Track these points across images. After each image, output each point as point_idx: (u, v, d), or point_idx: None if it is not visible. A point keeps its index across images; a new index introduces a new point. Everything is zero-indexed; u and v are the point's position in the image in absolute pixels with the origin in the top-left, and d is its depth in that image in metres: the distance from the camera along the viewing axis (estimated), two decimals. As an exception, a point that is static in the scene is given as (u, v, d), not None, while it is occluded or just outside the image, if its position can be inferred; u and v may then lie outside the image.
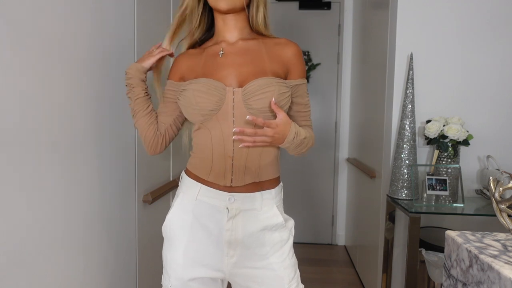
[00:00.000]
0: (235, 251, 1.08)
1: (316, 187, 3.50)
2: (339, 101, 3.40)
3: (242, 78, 1.05)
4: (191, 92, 1.04)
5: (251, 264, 1.08)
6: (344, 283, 2.76)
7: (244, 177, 1.06)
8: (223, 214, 1.06)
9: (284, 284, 1.07)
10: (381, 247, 2.19)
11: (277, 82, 1.04)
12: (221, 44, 1.11)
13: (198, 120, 1.06)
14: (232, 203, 1.06)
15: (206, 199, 1.08)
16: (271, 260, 1.08)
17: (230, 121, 1.04)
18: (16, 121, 0.87)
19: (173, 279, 1.10)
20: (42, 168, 0.96)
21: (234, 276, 1.10)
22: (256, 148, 1.06)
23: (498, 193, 0.79)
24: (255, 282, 1.08)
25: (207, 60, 1.10)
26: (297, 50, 1.11)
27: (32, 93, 0.91)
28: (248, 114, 1.03)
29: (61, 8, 1.02)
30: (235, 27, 1.11)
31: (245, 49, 1.10)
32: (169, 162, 1.85)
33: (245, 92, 1.02)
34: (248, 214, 1.07)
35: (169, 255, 1.12)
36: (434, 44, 2.02)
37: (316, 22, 3.38)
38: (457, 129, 1.85)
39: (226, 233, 1.06)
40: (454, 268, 0.81)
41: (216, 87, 1.03)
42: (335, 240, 3.52)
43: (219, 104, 1.03)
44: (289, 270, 1.09)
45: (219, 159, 1.06)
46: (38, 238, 0.95)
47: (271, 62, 1.08)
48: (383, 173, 2.21)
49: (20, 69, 0.87)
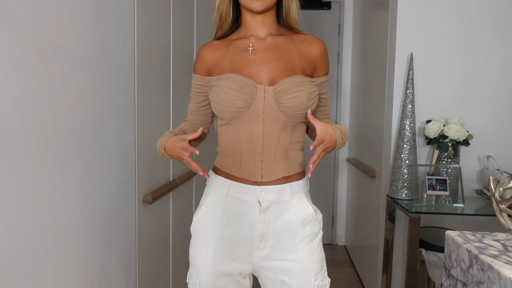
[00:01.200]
0: (266, 244, 1.09)
1: (316, 187, 3.50)
2: (339, 101, 3.40)
3: (273, 76, 1.04)
4: (222, 88, 1.03)
5: (281, 256, 1.09)
6: (344, 283, 2.76)
7: (274, 172, 1.07)
8: (255, 208, 1.08)
9: (310, 277, 1.08)
10: (381, 247, 2.19)
11: (307, 81, 1.05)
12: (250, 39, 1.10)
13: (227, 116, 1.06)
14: (263, 196, 1.07)
15: (237, 195, 1.09)
16: (301, 253, 1.09)
17: (260, 119, 1.04)
18: (16, 121, 0.87)
19: (203, 275, 1.10)
20: (42, 168, 0.96)
21: (263, 268, 1.11)
22: (284, 144, 1.07)
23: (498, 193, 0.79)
24: (284, 274, 1.09)
25: (235, 54, 1.08)
26: (324, 48, 1.12)
27: (31, 93, 0.91)
28: (279, 112, 1.03)
29: (61, 8, 1.02)
30: (264, 23, 1.10)
31: (274, 46, 1.09)
32: (169, 162, 1.84)
33: (277, 90, 1.02)
34: (280, 206, 1.08)
35: (198, 251, 1.12)
36: (434, 44, 2.02)
37: (316, 22, 3.38)
38: (457, 129, 1.85)
39: (258, 225, 1.08)
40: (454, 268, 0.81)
41: (246, 84, 1.02)
42: (335, 240, 3.53)
43: (250, 102, 1.02)
44: (317, 264, 1.10)
45: (248, 155, 1.07)
46: (38, 238, 0.95)
47: (300, 60, 1.08)
48: (383, 173, 2.21)
49: (19, 69, 0.87)
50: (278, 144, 1.06)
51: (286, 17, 1.12)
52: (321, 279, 1.11)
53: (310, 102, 1.05)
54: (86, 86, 1.14)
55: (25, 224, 0.91)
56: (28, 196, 0.91)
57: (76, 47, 1.09)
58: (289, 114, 1.04)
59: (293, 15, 1.11)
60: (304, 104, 1.03)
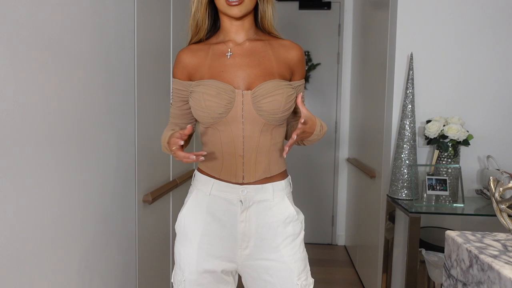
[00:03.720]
0: (249, 243, 1.10)
1: (316, 187, 3.50)
2: (339, 101, 3.40)
3: (251, 80, 1.06)
4: (201, 95, 1.05)
5: (264, 256, 1.11)
6: (344, 283, 2.76)
7: (255, 174, 1.09)
8: (237, 207, 1.09)
9: (293, 276, 1.09)
10: (381, 247, 2.19)
11: (284, 85, 1.07)
12: (228, 44, 1.11)
13: (207, 122, 1.08)
14: (245, 195, 1.09)
15: (219, 193, 1.11)
16: (283, 252, 1.10)
17: (239, 123, 1.06)
18: (16, 122, 0.87)
19: (187, 273, 1.11)
20: (42, 168, 0.96)
21: (246, 267, 1.12)
22: (265, 146, 1.09)
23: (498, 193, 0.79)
24: (266, 273, 1.10)
25: (214, 59, 1.10)
26: (302, 54, 1.15)
27: (31, 93, 0.91)
28: (257, 116, 1.05)
29: (61, 9, 1.02)
30: (242, 28, 1.11)
31: (252, 50, 1.10)
32: (169, 162, 1.85)
33: (255, 95, 1.04)
34: (261, 205, 1.10)
35: (182, 249, 1.13)
36: (434, 44, 2.02)
37: (316, 22, 3.38)
38: (457, 129, 1.85)
39: (240, 224, 1.09)
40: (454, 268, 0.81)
41: (225, 90, 1.04)
42: (335, 240, 3.52)
43: (229, 107, 1.04)
44: (299, 264, 1.11)
45: (229, 158, 1.09)
46: (38, 238, 0.95)
47: (278, 64, 1.10)
48: (383, 173, 2.21)
49: (19, 69, 0.87)
50: (259, 146, 1.08)
51: (261, 22, 1.13)
52: (305, 278, 1.12)
53: (287, 105, 1.07)
54: (86, 86, 1.14)
55: (25, 224, 0.91)
56: (28, 196, 0.91)
57: (76, 47, 1.09)
58: (267, 117, 1.06)
59: (269, 20, 1.13)
60: (282, 107, 1.05)
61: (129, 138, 1.43)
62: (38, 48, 0.93)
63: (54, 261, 1.02)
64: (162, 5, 1.73)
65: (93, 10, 1.17)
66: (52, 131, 0.99)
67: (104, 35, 1.23)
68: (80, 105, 1.11)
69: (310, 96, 3.41)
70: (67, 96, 1.05)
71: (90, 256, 1.19)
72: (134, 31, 1.44)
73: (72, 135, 1.08)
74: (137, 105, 1.47)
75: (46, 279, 0.99)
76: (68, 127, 1.06)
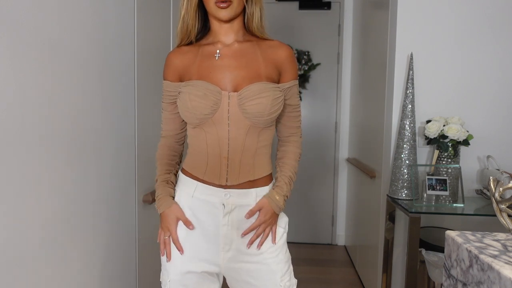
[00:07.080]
0: (231, 246, 1.11)
1: (316, 187, 3.50)
2: (339, 101, 3.40)
3: (237, 82, 1.06)
4: (187, 95, 1.06)
5: (246, 258, 1.11)
6: (344, 283, 2.76)
7: (239, 176, 1.09)
8: (219, 210, 1.10)
9: (276, 278, 1.11)
10: (381, 247, 2.19)
11: (271, 88, 1.07)
12: (217, 45, 1.11)
13: (193, 122, 1.08)
14: (227, 199, 1.09)
15: (202, 196, 1.11)
16: (265, 255, 1.11)
17: (225, 124, 1.06)
18: (16, 122, 0.87)
19: (172, 274, 1.13)
20: (42, 168, 0.96)
21: (229, 270, 1.13)
22: (250, 148, 1.09)
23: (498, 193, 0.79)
24: (249, 276, 1.11)
25: (203, 61, 1.10)
26: (289, 53, 1.13)
27: (31, 94, 0.91)
28: (243, 117, 1.05)
29: (61, 8, 1.02)
30: (231, 29, 1.12)
31: (240, 52, 1.11)
32: (169, 162, 1.84)
33: (241, 97, 1.04)
34: (243, 210, 1.11)
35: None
36: (434, 44, 2.02)
37: (316, 22, 3.38)
38: (457, 129, 1.85)
39: (222, 228, 1.10)
40: (454, 268, 0.81)
41: (212, 91, 1.04)
42: (335, 240, 3.52)
43: (215, 108, 1.05)
44: (282, 265, 1.12)
45: (214, 159, 1.09)
46: (38, 238, 0.95)
47: (265, 66, 1.10)
48: (383, 173, 2.21)
49: (19, 69, 0.87)
50: (244, 149, 1.08)
51: (248, 24, 1.13)
52: (288, 279, 1.13)
53: (274, 108, 1.06)
54: (86, 86, 1.14)
55: (25, 224, 0.91)
56: (28, 196, 0.91)
57: (76, 48, 1.09)
58: (253, 120, 1.06)
59: (256, 22, 1.12)
60: (268, 110, 1.05)
61: (129, 138, 1.43)
62: (38, 48, 0.93)
63: (54, 261, 1.02)
64: (162, 5, 1.73)
65: (93, 10, 1.17)
66: (52, 130, 0.99)
67: (104, 35, 1.23)
68: (80, 105, 1.11)
69: (310, 96, 3.41)
70: (67, 96, 1.05)
71: (90, 256, 1.19)
72: (134, 31, 1.44)
73: (72, 134, 1.08)
74: (137, 105, 1.47)
75: (46, 279, 0.99)
76: (68, 127, 1.06)
